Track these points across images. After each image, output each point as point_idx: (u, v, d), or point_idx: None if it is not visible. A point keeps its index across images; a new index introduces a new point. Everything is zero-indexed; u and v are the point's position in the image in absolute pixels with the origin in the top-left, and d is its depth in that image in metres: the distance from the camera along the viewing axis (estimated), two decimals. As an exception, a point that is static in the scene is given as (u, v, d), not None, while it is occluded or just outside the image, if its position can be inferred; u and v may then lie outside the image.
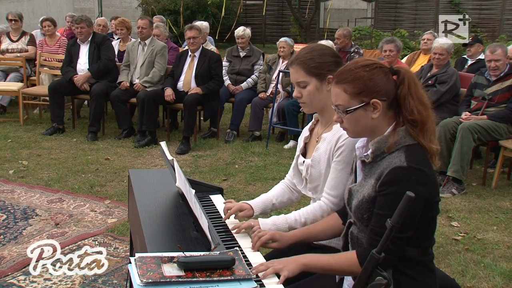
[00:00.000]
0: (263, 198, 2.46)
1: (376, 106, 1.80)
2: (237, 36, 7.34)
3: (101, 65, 6.87)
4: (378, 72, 1.81)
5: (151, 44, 6.82)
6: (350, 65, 1.86)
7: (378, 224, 1.75)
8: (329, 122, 2.28)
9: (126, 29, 7.57)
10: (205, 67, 6.52)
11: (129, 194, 2.75)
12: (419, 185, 1.68)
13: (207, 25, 8.15)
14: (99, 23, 8.38)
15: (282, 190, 2.51)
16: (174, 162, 2.21)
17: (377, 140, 1.83)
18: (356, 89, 1.80)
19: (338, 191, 2.16)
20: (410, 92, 1.79)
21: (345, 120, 1.85)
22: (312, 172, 2.28)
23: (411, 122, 1.79)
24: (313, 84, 2.20)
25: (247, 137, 6.86)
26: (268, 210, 2.44)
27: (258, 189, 4.94)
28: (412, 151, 1.77)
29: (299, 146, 2.44)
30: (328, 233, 2.13)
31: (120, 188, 4.92)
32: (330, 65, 2.19)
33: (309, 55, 2.21)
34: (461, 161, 4.96)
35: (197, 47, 6.59)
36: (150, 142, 6.42)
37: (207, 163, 5.82)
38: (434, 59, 5.75)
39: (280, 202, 2.48)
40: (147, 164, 5.75)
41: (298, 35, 17.59)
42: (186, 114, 6.39)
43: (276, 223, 2.19)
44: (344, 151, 2.14)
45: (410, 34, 15.45)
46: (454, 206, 4.67)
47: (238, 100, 6.93)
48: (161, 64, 6.78)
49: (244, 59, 7.30)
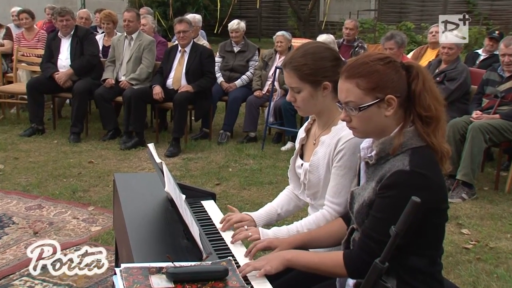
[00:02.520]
0: (266, 208, 2.46)
1: (390, 102, 1.81)
2: (230, 29, 7.35)
3: (84, 61, 6.86)
4: (392, 67, 1.83)
5: (138, 39, 6.83)
6: (363, 58, 1.86)
7: (372, 226, 1.77)
8: (327, 124, 2.28)
9: (112, 23, 7.56)
10: (196, 63, 6.52)
11: (114, 200, 2.75)
12: (420, 191, 1.67)
13: (199, 18, 8.15)
14: (81, 15, 8.38)
15: (287, 198, 2.51)
16: (163, 166, 2.21)
17: (382, 141, 1.84)
18: (371, 84, 1.81)
19: (342, 198, 2.16)
20: (425, 87, 1.81)
21: (355, 118, 1.85)
22: (310, 177, 2.29)
23: (426, 119, 1.80)
24: (307, 90, 2.19)
25: (242, 139, 6.87)
26: (273, 221, 2.44)
27: (253, 194, 4.94)
28: (418, 154, 1.78)
29: (297, 148, 2.45)
30: (332, 239, 2.14)
31: (105, 193, 4.92)
32: (326, 71, 2.17)
33: (303, 59, 2.18)
34: (471, 164, 4.97)
35: (188, 41, 6.59)
36: (137, 144, 6.41)
37: (199, 166, 5.82)
38: (442, 54, 5.75)
39: (286, 211, 2.49)
40: (134, 167, 5.74)
41: (296, 29, 17.61)
42: (176, 113, 6.38)
43: (277, 235, 2.19)
44: (345, 155, 2.14)
45: (417, 27, 15.49)
46: (464, 212, 4.68)
47: (232, 99, 6.93)
48: (149, 60, 6.78)
49: (238, 54, 7.31)
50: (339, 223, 2.15)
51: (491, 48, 7.04)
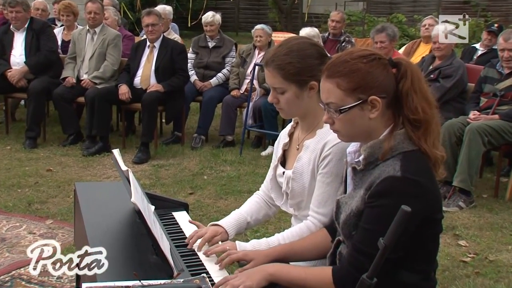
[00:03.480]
0: (235, 216, 2.46)
1: (374, 104, 1.82)
2: (204, 23, 7.34)
3: (41, 58, 6.80)
4: (377, 65, 1.83)
5: (102, 33, 6.79)
6: (344, 56, 1.87)
7: (361, 239, 1.78)
8: (312, 127, 2.29)
9: (72, 15, 7.52)
10: (166, 60, 6.51)
11: (75, 212, 2.73)
12: (413, 199, 1.70)
13: (170, 10, 8.14)
14: (37, 6, 8.29)
15: (257, 205, 2.52)
16: (130, 174, 2.20)
17: (371, 145, 1.85)
18: (352, 84, 1.82)
19: (327, 208, 2.17)
20: (413, 87, 1.82)
21: (337, 121, 1.87)
22: (293, 186, 2.29)
23: (414, 123, 1.81)
24: (292, 91, 2.20)
25: (218, 143, 6.86)
26: (242, 229, 2.45)
27: (230, 204, 4.94)
28: (410, 159, 1.79)
29: (276, 154, 2.45)
30: (315, 252, 2.14)
31: (65, 205, 4.87)
32: (312, 69, 2.18)
33: (287, 57, 2.18)
34: (469, 169, 5.01)
35: (157, 36, 6.57)
36: (101, 150, 6.37)
37: (170, 174, 5.80)
38: (434, 49, 5.81)
39: (255, 219, 2.49)
40: (98, 176, 5.71)
41: (278, 22, 17.69)
42: (145, 116, 6.36)
43: (256, 248, 2.20)
44: (331, 161, 2.15)
45: (409, 19, 15.63)
46: (461, 222, 4.72)
47: (207, 99, 6.92)
48: (114, 56, 6.75)
49: (213, 50, 7.31)
50: (322, 234, 2.16)
51: (490, 43, 7.10)
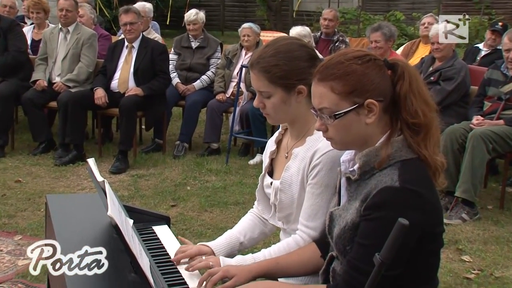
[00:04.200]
0: (227, 236, 2.46)
1: (371, 108, 1.83)
2: (187, 21, 7.35)
3: (8, 59, 6.78)
4: (373, 66, 1.85)
5: (76, 32, 6.77)
6: (338, 57, 1.88)
7: (357, 255, 1.78)
8: (301, 134, 2.30)
9: (43, 12, 7.49)
10: (146, 61, 6.51)
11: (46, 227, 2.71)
12: (413, 211, 1.71)
13: (150, 7, 8.14)
14: (4, 3, 8.26)
15: (251, 223, 2.52)
16: (106, 185, 2.19)
17: (366, 153, 1.86)
18: (347, 87, 1.82)
19: (317, 221, 2.17)
20: (412, 89, 1.83)
21: (331, 127, 1.87)
22: (282, 197, 2.29)
23: (413, 127, 1.82)
24: (278, 95, 2.21)
25: (202, 151, 6.86)
26: (235, 251, 2.44)
27: (216, 217, 4.93)
28: (409, 167, 1.80)
29: (265, 163, 2.45)
30: (302, 267, 2.14)
31: (35, 219, 4.85)
32: (301, 73, 2.19)
33: (273, 59, 2.19)
34: (472, 179, 5.02)
35: (136, 35, 6.57)
36: (75, 159, 6.34)
37: (150, 184, 5.79)
38: (433, 50, 5.84)
39: (249, 238, 2.49)
40: (72, 187, 5.68)
41: (266, 20, 17.73)
42: (123, 122, 6.34)
43: (241, 263, 2.19)
44: (321, 171, 2.16)
45: (408, 17, 15.72)
46: (465, 236, 4.74)
47: (190, 104, 6.92)
48: (90, 57, 6.74)
49: (197, 51, 7.32)
50: (311, 248, 2.16)
51: (494, 43, 7.13)
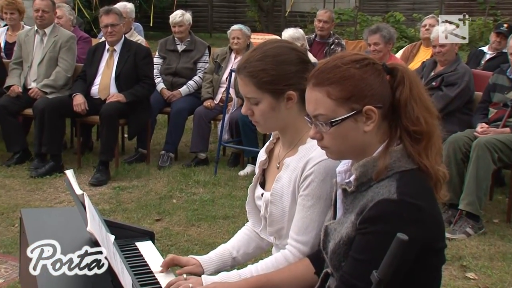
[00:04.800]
0: (218, 251, 2.47)
1: (370, 115, 1.84)
2: (173, 23, 7.36)
3: (-19, 63, 6.77)
4: (371, 70, 1.86)
5: (53, 34, 6.77)
6: (334, 61, 1.89)
7: (351, 271, 1.78)
8: (293, 143, 2.31)
9: (17, 13, 7.49)
10: (129, 65, 6.51)
11: (21, 243, 2.70)
12: (412, 225, 1.72)
13: (132, 8, 8.14)
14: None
15: (246, 237, 2.52)
16: (85, 198, 2.19)
17: (363, 163, 1.87)
18: (345, 93, 1.83)
19: (308, 235, 2.18)
20: (413, 95, 1.85)
21: (327, 135, 1.88)
22: (272, 210, 2.30)
23: (414, 135, 1.83)
24: (267, 102, 2.22)
25: (189, 161, 6.86)
26: (227, 267, 2.44)
27: (204, 231, 4.92)
28: (408, 179, 1.81)
29: (256, 174, 2.46)
30: (295, 286, 2.14)
31: (9, 235, 4.83)
32: (290, 78, 2.20)
33: (261, 64, 2.20)
34: (477, 190, 5.03)
35: (118, 38, 6.57)
36: (52, 170, 6.33)
37: (133, 197, 5.78)
38: (435, 54, 5.86)
39: (244, 254, 2.49)
40: (48, 200, 5.67)
41: (257, 21, 17.76)
42: (104, 130, 6.33)
43: (225, 280, 2.19)
44: (313, 182, 2.16)
45: (408, 18, 15.79)
46: (469, 252, 4.74)
47: (176, 111, 6.93)
48: (68, 61, 6.74)
49: (183, 54, 7.33)
50: (304, 264, 2.16)
51: (499, 45, 7.17)
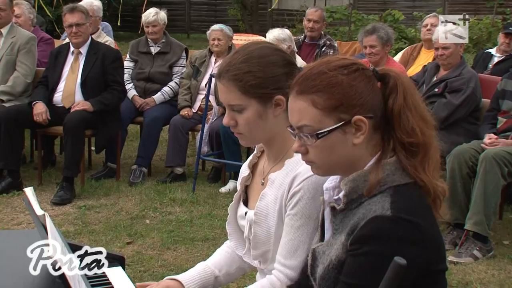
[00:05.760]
0: (199, 268, 2.47)
1: (359, 126, 1.85)
2: (146, 22, 7.36)
3: None
4: (361, 77, 1.87)
5: (11, 35, 6.76)
6: (320, 66, 1.90)
7: None
8: (279, 156, 2.31)
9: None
10: (96, 70, 6.51)
11: (-26, 270, 2.70)
12: (408, 245, 1.73)
13: (99, 5, 8.13)
14: None
15: (228, 256, 2.52)
16: (47, 219, 2.19)
17: (353, 178, 1.88)
18: (332, 101, 1.84)
19: (297, 259, 2.17)
20: (407, 104, 1.86)
21: (313, 149, 1.88)
22: (257, 231, 2.29)
23: (410, 148, 1.84)
24: (253, 108, 2.20)
25: (164, 177, 6.87)
26: (209, 286, 2.44)
27: (181, 255, 4.91)
28: (403, 194, 1.82)
29: (238, 191, 2.46)
30: None
31: (-38, 261, 4.81)
32: (278, 80, 2.19)
33: (246, 66, 2.19)
34: (485, 209, 5.03)
35: (84, 39, 6.57)
36: (9, 187, 6.31)
37: (102, 217, 5.77)
38: (437, 58, 5.86)
39: (226, 274, 2.49)
40: (5, 222, 5.65)
41: (240, 20, 17.82)
42: (68, 142, 6.31)
43: None
44: (302, 199, 2.16)
45: (408, 17, 15.88)
46: (477, 277, 4.75)
47: (149, 120, 6.93)
48: (27, 65, 6.73)
49: (157, 57, 7.34)
50: None
51: (508, 47, 7.19)
